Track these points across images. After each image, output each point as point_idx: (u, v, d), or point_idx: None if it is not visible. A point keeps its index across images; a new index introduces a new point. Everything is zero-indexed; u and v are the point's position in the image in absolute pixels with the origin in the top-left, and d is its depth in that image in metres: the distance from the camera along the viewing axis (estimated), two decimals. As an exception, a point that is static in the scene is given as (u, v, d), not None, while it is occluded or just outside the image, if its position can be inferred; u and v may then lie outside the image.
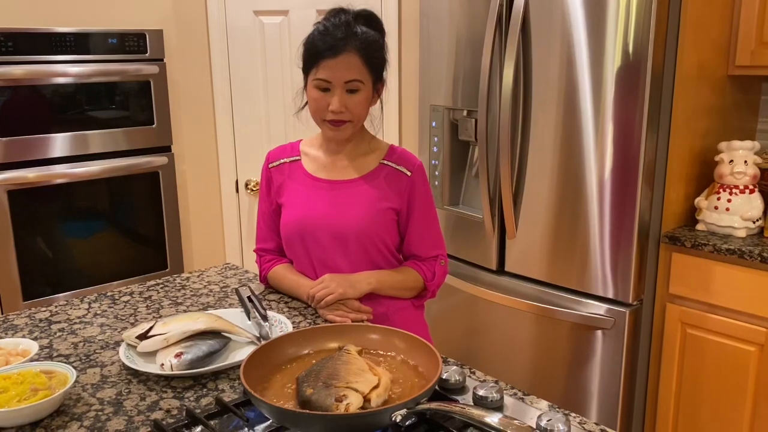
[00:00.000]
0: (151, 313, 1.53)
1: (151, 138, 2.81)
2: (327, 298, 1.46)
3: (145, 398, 1.14)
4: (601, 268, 2.15)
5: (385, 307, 1.56)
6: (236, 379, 1.21)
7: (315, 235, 1.55)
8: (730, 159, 2.08)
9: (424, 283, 1.60)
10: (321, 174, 1.59)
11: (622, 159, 2.05)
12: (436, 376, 0.98)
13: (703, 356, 2.06)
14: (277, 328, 1.38)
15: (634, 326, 2.13)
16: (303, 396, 0.98)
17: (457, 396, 1.10)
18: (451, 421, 1.00)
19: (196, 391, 1.17)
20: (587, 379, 2.23)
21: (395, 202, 1.55)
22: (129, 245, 2.85)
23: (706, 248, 2.01)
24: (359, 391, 0.97)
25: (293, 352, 1.13)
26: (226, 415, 1.06)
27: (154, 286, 1.72)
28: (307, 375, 1.03)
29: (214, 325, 1.31)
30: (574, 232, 2.19)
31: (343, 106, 1.47)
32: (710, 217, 2.10)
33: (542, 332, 2.32)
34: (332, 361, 1.07)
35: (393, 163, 1.57)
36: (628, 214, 2.06)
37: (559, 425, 0.96)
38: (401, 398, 1.01)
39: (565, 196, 2.20)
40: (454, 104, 2.52)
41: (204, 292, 1.67)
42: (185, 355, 1.22)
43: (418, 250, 1.60)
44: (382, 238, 1.55)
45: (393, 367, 1.10)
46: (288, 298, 1.62)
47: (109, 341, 1.38)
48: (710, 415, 2.08)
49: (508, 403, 1.08)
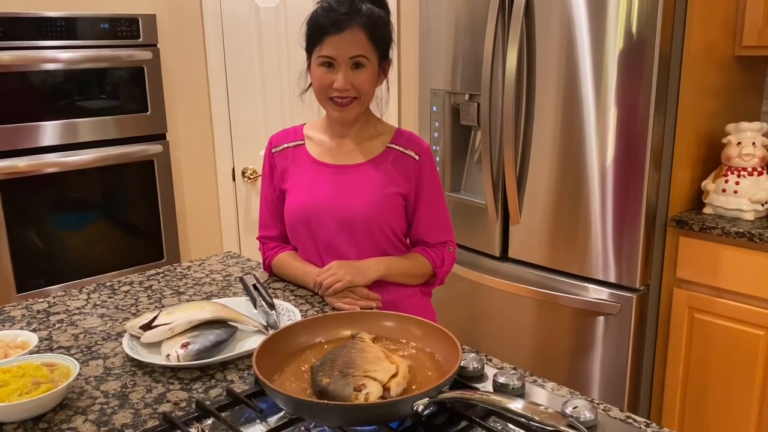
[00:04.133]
0: (152, 303, 1.48)
1: (145, 126, 2.75)
2: (335, 285, 1.42)
3: (152, 390, 1.10)
4: (607, 253, 2.12)
5: (393, 294, 1.52)
6: (245, 369, 1.17)
7: (321, 221, 1.51)
8: (738, 141, 2.05)
9: (432, 269, 1.56)
10: (326, 158, 1.55)
11: (629, 142, 2.02)
12: (457, 363, 0.95)
13: (710, 341, 2.04)
14: (284, 317, 1.34)
15: (640, 311, 2.10)
16: (319, 386, 0.94)
17: (476, 384, 1.06)
18: (472, 410, 0.97)
19: (204, 383, 1.12)
20: (593, 365, 2.21)
21: (403, 186, 1.51)
22: (124, 235, 2.79)
23: (714, 232, 1.98)
24: (378, 379, 0.93)
25: (305, 341, 1.09)
26: (237, 407, 1.02)
27: (154, 275, 1.67)
28: (322, 364, 1.00)
29: (220, 314, 1.27)
30: (579, 217, 2.16)
31: (348, 83, 1.43)
32: (717, 200, 2.07)
33: (547, 319, 2.29)
34: (347, 349, 1.03)
35: (400, 147, 1.53)
36: (634, 198, 2.03)
37: (585, 412, 0.93)
38: (420, 387, 0.97)
39: (569, 181, 2.17)
40: (454, 88, 2.48)
41: (206, 281, 1.62)
42: (192, 345, 1.17)
43: (427, 236, 1.56)
44: (390, 224, 1.51)
45: (409, 355, 1.06)
46: (293, 286, 1.58)
47: (111, 332, 1.33)
48: (717, 400, 2.06)
49: (528, 390, 1.05)
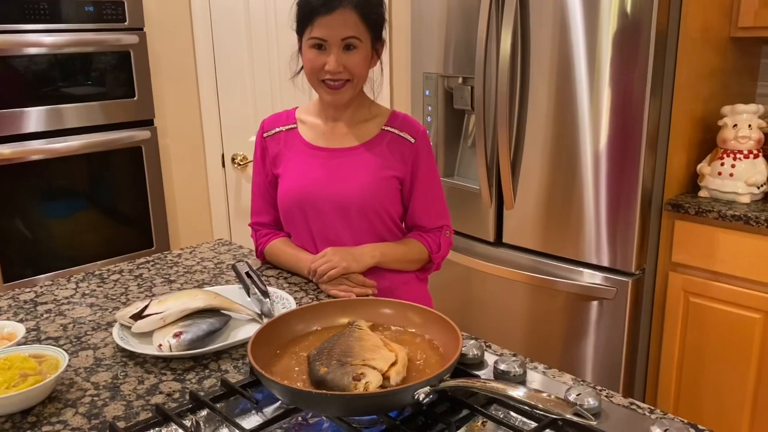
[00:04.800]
0: (143, 292, 1.45)
1: (132, 111, 2.69)
2: (330, 272, 1.40)
3: (144, 381, 1.07)
4: (602, 238, 2.10)
5: (389, 280, 1.50)
6: (239, 358, 1.14)
7: (315, 206, 1.48)
8: (734, 123, 2.04)
9: (429, 255, 1.53)
10: (320, 142, 1.51)
11: (624, 126, 1.99)
12: (457, 351, 0.92)
13: (706, 324, 2.04)
14: (279, 305, 1.31)
15: (636, 296, 2.09)
16: (316, 375, 0.92)
17: (476, 371, 1.04)
18: (473, 398, 0.95)
19: (197, 373, 1.10)
20: (588, 350, 2.20)
21: (399, 170, 1.48)
22: (112, 223, 2.74)
23: (710, 215, 1.97)
24: (377, 368, 0.91)
25: (301, 329, 1.06)
26: (232, 398, 0.99)
27: (144, 263, 1.64)
28: (319, 353, 0.97)
29: (213, 302, 1.24)
30: (574, 201, 2.14)
31: (340, 65, 1.39)
32: (713, 183, 2.06)
33: (542, 304, 2.28)
34: (344, 337, 1.01)
35: (396, 130, 1.50)
36: (630, 181, 2.01)
37: (589, 399, 0.91)
38: (420, 375, 0.95)
39: (564, 165, 2.14)
40: (447, 71, 2.44)
41: (198, 269, 1.59)
42: (184, 334, 1.14)
43: (423, 221, 1.54)
44: (386, 209, 1.49)
45: (407, 343, 1.04)
46: (287, 273, 1.55)
47: (101, 322, 1.30)
48: (713, 383, 2.06)
49: (530, 377, 1.03)
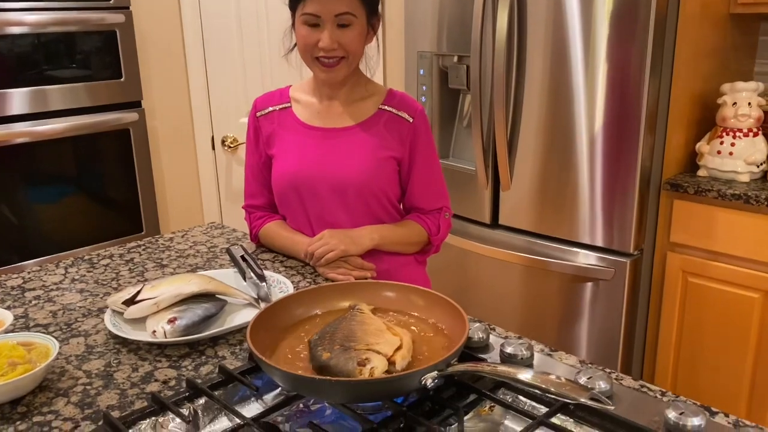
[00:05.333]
0: (134, 277, 1.41)
1: (118, 93, 2.63)
2: (328, 255, 1.36)
3: (138, 369, 1.03)
4: (600, 218, 2.08)
5: (388, 263, 1.46)
6: (237, 344, 1.11)
7: (311, 188, 1.44)
8: (734, 101, 2.01)
9: (428, 237, 1.50)
10: (315, 122, 1.47)
11: (622, 105, 1.96)
12: (464, 334, 0.89)
13: (704, 305, 2.02)
14: (276, 289, 1.28)
15: (634, 276, 2.08)
16: (319, 361, 0.88)
17: (482, 354, 1.01)
18: (480, 382, 0.92)
19: (193, 359, 1.06)
20: (585, 331, 2.19)
21: (397, 150, 1.44)
22: (100, 208, 2.69)
23: (709, 194, 1.95)
24: (382, 353, 0.88)
25: (301, 313, 1.03)
26: (231, 385, 0.96)
27: (135, 248, 1.59)
28: (321, 338, 0.94)
29: (208, 287, 1.20)
30: (572, 181, 2.11)
31: (334, 42, 1.34)
32: (712, 162, 2.04)
33: (538, 286, 2.26)
34: (346, 321, 0.98)
35: (393, 109, 1.46)
36: (628, 161, 1.99)
37: (600, 383, 0.88)
38: (425, 359, 0.92)
39: (561, 145, 2.11)
40: (442, 50, 2.39)
41: (190, 253, 1.55)
42: (179, 320, 1.11)
43: (421, 203, 1.50)
44: (384, 190, 1.45)
45: (410, 326, 1.01)
46: (283, 257, 1.52)
47: (92, 308, 1.26)
48: (711, 363, 2.05)
49: (536, 360, 1.00)
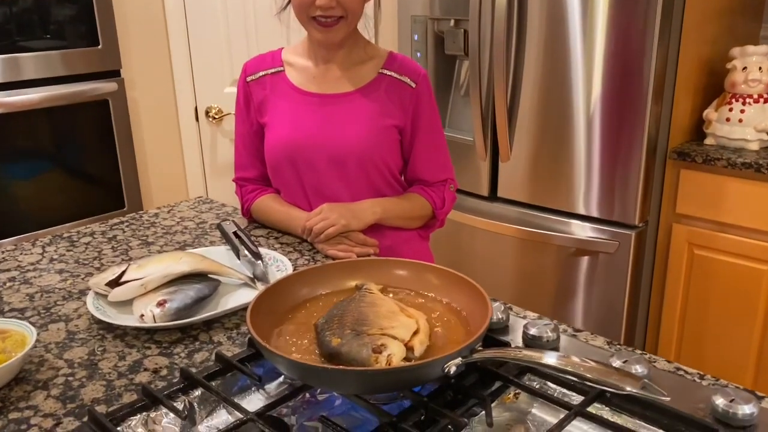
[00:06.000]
0: (118, 256, 1.31)
1: (96, 61, 2.48)
2: (328, 230, 1.27)
3: (125, 357, 0.94)
4: (604, 190, 2.01)
5: (390, 239, 1.38)
6: (233, 328, 1.02)
7: (307, 158, 1.34)
8: (744, 66, 1.93)
9: (432, 211, 1.41)
10: (310, 87, 1.37)
11: (628, 71, 1.88)
12: (487, 317, 0.81)
13: (711, 277, 1.97)
14: (273, 267, 1.19)
15: (638, 249, 2.01)
16: (328, 347, 0.80)
17: (502, 337, 0.93)
18: (504, 368, 0.84)
19: (186, 346, 0.97)
20: (587, 304, 2.13)
21: (398, 118, 1.35)
22: (79, 183, 2.56)
23: (718, 163, 1.88)
24: (398, 338, 0.79)
25: (305, 294, 0.94)
26: (229, 374, 0.87)
27: (118, 224, 1.49)
28: (328, 321, 0.85)
29: (199, 266, 1.11)
30: (575, 152, 2.03)
31: (332, 0, 1.23)
32: (721, 130, 1.96)
33: (539, 260, 2.19)
34: (354, 303, 0.89)
35: (394, 73, 1.36)
36: (634, 130, 1.91)
37: (636, 367, 0.81)
38: (444, 344, 0.84)
39: (564, 114, 2.03)
40: (437, 14, 2.28)
41: (178, 230, 1.45)
42: (169, 302, 1.01)
43: (425, 174, 1.41)
44: (385, 161, 1.35)
45: (424, 308, 0.92)
46: (277, 233, 1.42)
47: (72, 290, 1.16)
48: (717, 337, 2.00)
49: (562, 342, 0.93)
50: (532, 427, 0.79)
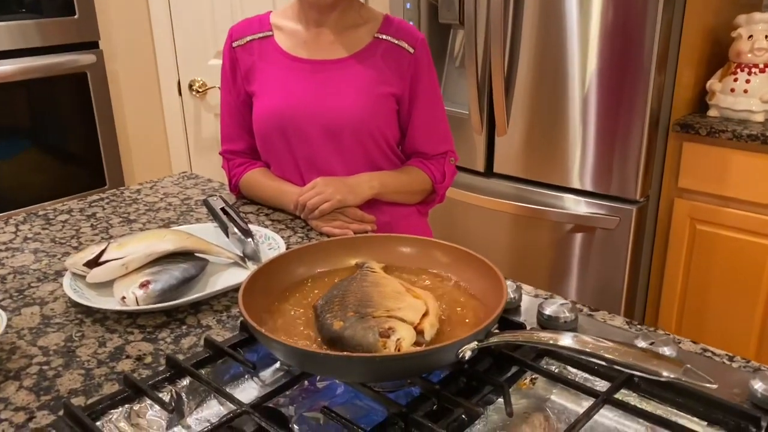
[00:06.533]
0: (98, 235, 1.22)
1: (73, 32, 2.36)
2: (322, 206, 1.19)
3: (105, 344, 0.87)
4: (605, 164, 1.94)
5: (388, 215, 1.30)
6: (223, 311, 0.94)
7: (299, 129, 1.25)
8: (749, 34, 1.86)
9: (432, 185, 1.34)
10: (301, 52, 1.28)
11: (631, 41, 1.80)
12: (502, 297, 0.74)
13: (713, 253, 1.92)
14: (264, 245, 1.11)
15: (639, 225, 1.95)
16: (329, 331, 0.72)
17: (514, 317, 0.86)
18: (520, 351, 0.78)
19: (172, 330, 0.90)
20: (586, 282, 2.07)
21: (396, 86, 1.27)
22: (57, 160, 2.45)
23: (723, 135, 1.81)
24: (407, 321, 0.72)
25: (302, 273, 0.86)
26: (220, 361, 0.80)
27: (97, 201, 1.40)
28: (328, 303, 0.78)
29: (185, 244, 1.03)
30: (575, 125, 1.96)
31: None
32: (725, 101, 1.90)
33: (537, 237, 2.13)
34: (356, 282, 0.82)
35: (391, 37, 1.27)
36: (636, 102, 1.84)
37: (664, 349, 0.74)
38: (454, 327, 0.77)
39: (564, 85, 1.95)
40: (431, -18, 2.19)
41: (161, 206, 1.36)
42: (153, 283, 0.94)
43: (424, 147, 1.34)
44: (382, 131, 1.27)
45: (430, 288, 0.85)
46: (268, 209, 1.34)
47: (48, 271, 1.07)
48: (718, 314, 1.96)
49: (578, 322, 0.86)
50: (552, 415, 0.73)
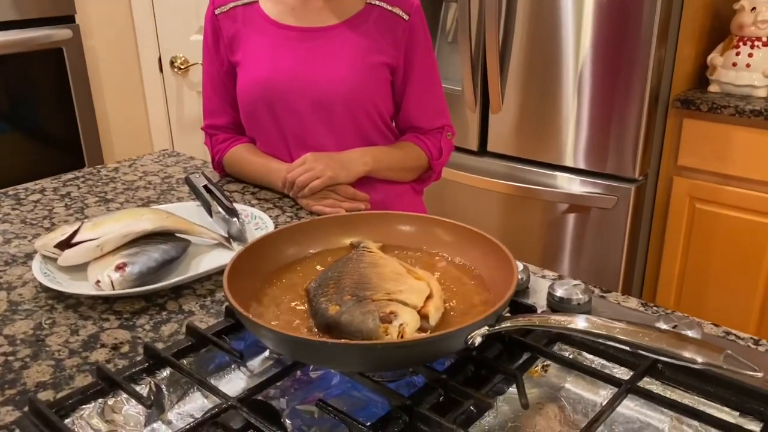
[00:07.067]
0: (72, 215, 1.14)
1: (47, 5, 2.25)
2: (313, 183, 1.12)
3: (78, 332, 0.79)
4: (602, 142, 1.88)
5: (382, 193, 1.24)
6: (206, 295, 0.87)
7: (287, 101, 1.18)
8: (752, 6, 1.80)
9: (428, 161, 1.27)
10: (288, 19, 1.20)
11: (630, 13, 1.73)
12: (513, 278, 0.68)
13: (713, 233, 1.87)
14: (251, 225, 1.04)
15: (637, 204, 1.90)
16: (324, 316, 0.66)
17: (522, 299, 0.80)
18: (531, 336, 0.72)
19: (152, 317, 0.83)
20: (582, 263, 2.02)
21: (390, 55, 1.19)
22: (33, 141, 2.35)
23: (725, 111, 1.76)
24: (409, 304, 0.66)
25: (293, 254, 0.79)
26: (204, 349, 0.73)
27: (72, 180, 1.32)
28: (322, 286, 0.71)
29: (165, 223, 0.95)
30: (571, 101, 1.89)
31: None
32: (726, 76, 1.84)
33: (533, 218, 2.07)
34: (351, 263, 0.75)
35: (384, 3, 1.19)
36: (636, 78, 1.77)
37: (689, 333, 0.69)
38: (459, 311, 0.70)
39: (560, 60, 1.88)
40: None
41: (141, 185, 1.28)
42: (131, 266, 0.86)
43: (420, 121, 1.26)
44: (375, 104, 1.20)
45: (435, 269, 0.79)
46: (254, 187, 1.27)
47: (17, 254, 1.00)
48: (718, 295, 1.92)
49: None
50: (567, 405, 0.67)
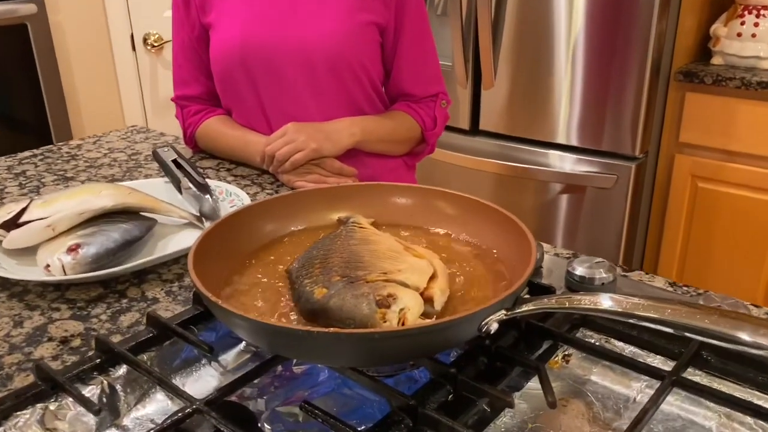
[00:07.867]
0: (26, 194, 1.03)
1: (8, -23, 2.11)
2: (294, 156, 1.01)
3: (23, 323, 0.68)
4: (601, 118, 1.79)
5: (372, 167, 1.13)
6: (174, 280, 0.76)
7: (266, 65, 1.06)
8: (759, -27, 1.71)
9: (421, 132, 1.17)
10: (267, -25, 1.08)
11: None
12: (531, 256, 0.57)
13: (716, 212, 1.79)
14: (225, 203, 0.93)
15: (637, 183, 1.81)
16: (309, 301, 0.55)
17: (538, 280, 0.70)
18: (550, 321, 0.62)
19: (110, 305, 0.72)
20: (581, 244, 1.93)
21: (379, 13, 1.08)
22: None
23: (731, 83, 1.67)
24: (410, 285, 0.55)
25: (272, 232, 0.69)
26: (167, 342, 0.62)
27: (29, 158, 1.19)
28: (306, 266, 0.60)
29: (127, 200, 0.84)
30: (567, 76, 1.79)
31: None
32: (730, 48, 1.75)
33: (528, 199, 1.97)
34: (340, 240, 0.64)
35: (372, -42, 1.08)
36: (636, 50, 1.68)
37: (734, 315, 0.59)
38: (465, 295, 0.60)
39: (556, 32, 1.78)
40: None
41: (105, 162, 1.16)
42: (85, 247, 0.75)
43: (412, 87, 1.16)
44: (364, 66, 1.09)
45: (436, 246, 0.68)
46: (230, 163, 1.15)
47: (-42, 237, 0.88)
48: (721, 275, 1.84)
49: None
50: (595, 401, 0.57)
